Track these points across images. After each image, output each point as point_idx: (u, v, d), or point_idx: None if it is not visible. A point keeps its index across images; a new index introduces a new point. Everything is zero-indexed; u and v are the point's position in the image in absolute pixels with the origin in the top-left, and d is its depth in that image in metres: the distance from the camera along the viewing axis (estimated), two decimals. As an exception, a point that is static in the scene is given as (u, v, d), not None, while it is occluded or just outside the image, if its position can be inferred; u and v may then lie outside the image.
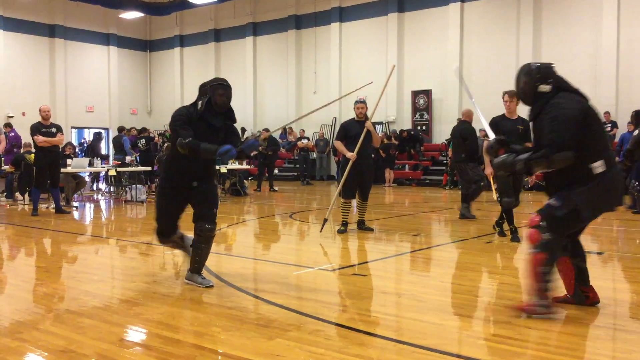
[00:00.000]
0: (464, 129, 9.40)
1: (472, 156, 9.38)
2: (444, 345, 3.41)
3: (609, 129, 16.22)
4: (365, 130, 7.65)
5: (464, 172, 9.46)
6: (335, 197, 7.89)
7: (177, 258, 6.46)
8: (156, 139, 16.08)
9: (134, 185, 13.22)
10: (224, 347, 3.42)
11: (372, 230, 8.12)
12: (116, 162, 14.49)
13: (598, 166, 3.75)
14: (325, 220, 7.95)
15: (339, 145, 7.89)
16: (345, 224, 8.01)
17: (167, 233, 5.20)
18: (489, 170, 7.89)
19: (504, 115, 7.28)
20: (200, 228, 4.89)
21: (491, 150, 4.23)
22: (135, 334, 3.77)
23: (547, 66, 4.03)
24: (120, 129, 16.95)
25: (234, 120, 5.10)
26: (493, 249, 6.92)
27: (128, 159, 14.20)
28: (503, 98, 7.21)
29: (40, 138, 9.88)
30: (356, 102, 7.95)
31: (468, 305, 4.38)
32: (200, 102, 4.84)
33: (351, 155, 7.61)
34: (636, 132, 10.09)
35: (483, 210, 10.43)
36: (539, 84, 3.95)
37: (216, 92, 4.80)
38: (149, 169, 14.28)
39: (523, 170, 3.90)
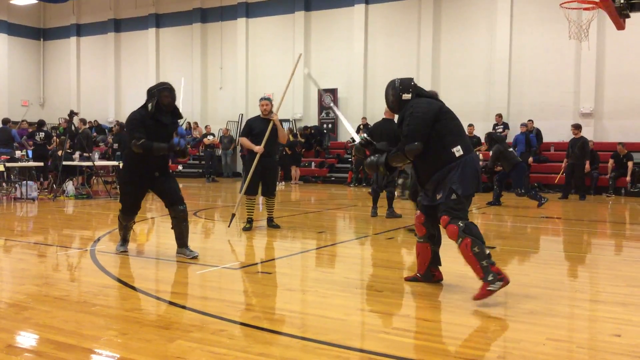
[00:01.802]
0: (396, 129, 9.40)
1: None
2: (346, 340, 3.46)
3: (500, 129, 17.20)
4: (271, 125, 7.67)
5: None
6: (241, 193, 7.84)
7: (71, 259, 6.14)
8: (54, 139, 15.12)
9: (25, 182, 12.40)
10: (121, 351, 3.28)
11: (278, 227, 8.12)
12: (5, 157, 13.51)
13: (458, 150, 4.44)
14: (233, 215, 7.94)
15: (245, 141, 7.92)
16: (250, 220, 7.99)
17: (132, 210, 6.04)
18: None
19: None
20: (176, 210, 5.84)
21: (358, 152, 4.91)
22: (25, 340, 3.54)
23: (408, 79, 4.77)
24: (5, 121, 15.66)
25: (180, 117, 6.02)
26: (395, 244, 7.13)
27: (18, 153, 13.29)
28: None
29: None
30: (261, 99, 8.01)
31: (370, 300, 4.48)
32: (150, 105, 5.64)
33: (259, 148, 7.64)
34: (491, 152, 11.77)
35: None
36: (402, 94, 4.68)
37: (162, 94, 5.64)
38: (41, 164, 13.43)
39: (386, 168, 4.65)
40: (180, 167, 21.72)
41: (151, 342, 3.41)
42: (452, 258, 6.06)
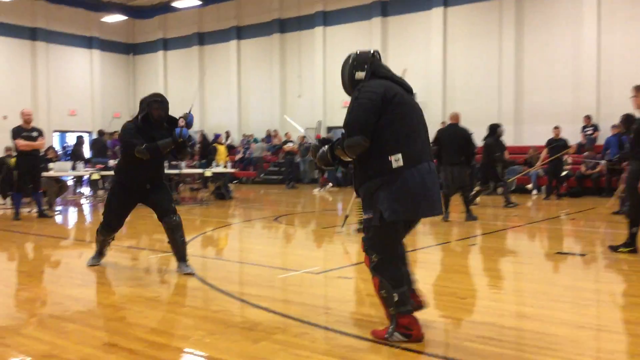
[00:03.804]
0: (465, 132, 9.42)
1: (470, 159, 9.42)
2: (428, 347, 3.42)
3: (590, 132, 16.42)
4: None
5: (463, 174, 9.39)
6: (354, 198, 8.09)
7: (161, 262, 6.42)
8: None
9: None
10: (209, 350, 3.40)
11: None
12: (99, 165, 14.35)
13: (397, 159, 3.41)
14: (347, 217, 8.33)
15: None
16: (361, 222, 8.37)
17: (114, 227, 5.78)
18: None
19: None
20: (168, 221, 5.49)
21: (314, 151, 3.86)
22: (119, 338, 3.72)
23: (366, 53, 3.79)
24: (101, 133, 16.66)
25: (177, 125, 5.42)
26: (476, 251, 6.96)
27: (112, 162, 14.09)
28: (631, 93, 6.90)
29: (21, 142, 9.76)
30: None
31: (452, 307, 4.40)
32: (139, 117, 5.46)
33: None
34: (632, 136, 10.23)
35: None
36: (355, 71, 3.72)
37: (152, 107, 5.42)
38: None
39: (332, 158, 3.65)
40: (262, 175, 22.23)
41: (237, 342, 3.51)
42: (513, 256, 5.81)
